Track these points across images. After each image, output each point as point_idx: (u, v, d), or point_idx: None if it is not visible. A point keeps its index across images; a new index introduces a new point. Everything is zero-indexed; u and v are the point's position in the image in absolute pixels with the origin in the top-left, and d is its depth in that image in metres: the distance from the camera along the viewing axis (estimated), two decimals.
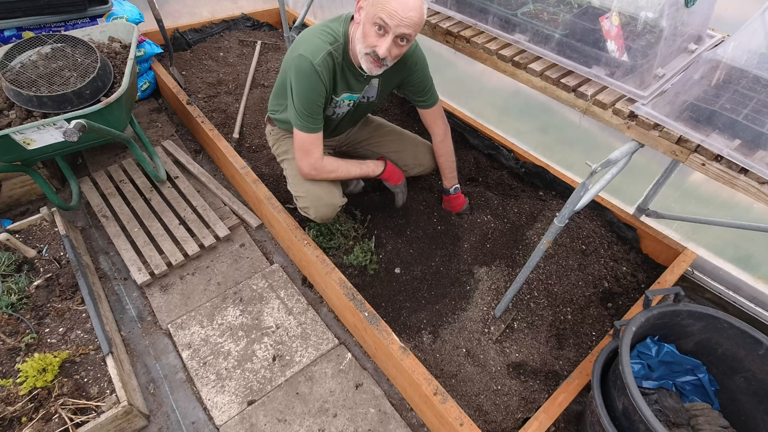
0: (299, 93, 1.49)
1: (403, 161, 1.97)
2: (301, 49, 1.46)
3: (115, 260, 2.06)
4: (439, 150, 1.92)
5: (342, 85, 1.57)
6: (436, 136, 1.89)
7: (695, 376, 1.41)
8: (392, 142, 1.99)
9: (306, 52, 1.45)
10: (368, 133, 2.00)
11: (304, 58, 1.44)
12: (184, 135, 2.77)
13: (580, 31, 1.27)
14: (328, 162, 1.66)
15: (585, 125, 2.12)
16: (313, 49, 1.45)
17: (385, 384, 1.68)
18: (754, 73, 1.11)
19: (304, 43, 1.48)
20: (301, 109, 1.51)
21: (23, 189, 2.25)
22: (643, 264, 1.95)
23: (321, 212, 1.74)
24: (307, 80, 1.47)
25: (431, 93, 1.77)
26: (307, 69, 1.45)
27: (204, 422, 1.57)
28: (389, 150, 1.97)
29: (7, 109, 1.80)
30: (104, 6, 2.44)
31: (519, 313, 1.75)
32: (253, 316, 1.87)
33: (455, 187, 1.99)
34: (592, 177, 1.16)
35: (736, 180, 0.99)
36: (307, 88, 1.48)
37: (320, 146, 1.61)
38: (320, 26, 1.52)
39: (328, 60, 1.47)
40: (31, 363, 1.43)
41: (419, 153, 1.98)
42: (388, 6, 1.28)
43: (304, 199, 1.75)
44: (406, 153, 1.97)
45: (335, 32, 1.49)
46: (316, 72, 1.45)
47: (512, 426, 1.49)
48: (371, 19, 1.33)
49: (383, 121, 2.08)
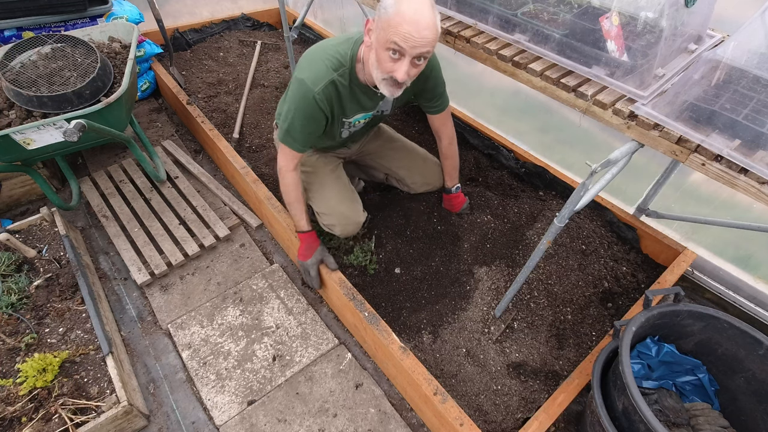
0: (293, 118, 1.47)
1: (411, 179, 1.97)
2: (305, 73, 1.42)
3: (115, 260, 2.06)
4: (447, 152, 1.89)
5: (352, 107, 1.54)
6: (444, 140, 1.85)
7: (695, 376, 1.41)
8: (403, 158, 1.98)
9: (308, 79, 1.40)
10: (379, 145, 1.99)
11: (305, 85, 1.41)
12: (184, 135, 2.77)
13: (580, 31, 1.27)
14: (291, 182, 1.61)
15: (585, 125, 2.12)
16: (315, 77, 1.40)
17: (385, 384, 1.68)
18: (754, 73, 1.11)
19: (308, 67, 1.43)
20: (291, 131, 1.49)
21: (23, 189, 2.25)
22: (643, 264, 1.95)
23: (347, 230, 1.78)
24: (303, 108, 1.44)
25: (443, 97, 1.73)
26: (305, 96, 1.42)
27: (204, 422, 1.57)
28: (399, 165, 1.97)
29: (7, 109, 1.80)
30: (104, 6, 2.44)
31: (519, 313, 1.75)
32: (253, 316, 1.87)
33: (456, 187, 1.99)
34: (592, 177, 1.16)
35: (736, 180, 0.99)
36: (303, 116, 1.45)
37: (297, 160, 1.59)
38: (328, 48, 1.46)
39: (330, 88, 1.43)
40: (31, 363, 1.43)
41: (428, 172, 1.98)
42: (401, 29, 1.20)
43: (328, 216, 1.77)
44: (415, 171, 1.97)
45: (342, 56, 1.43)
46: (315, 101, 1.41)
47: (512, 426, 1.49)
48: (384, 44, 1.25)
49: (394, 133, 2.05)
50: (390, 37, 1.22)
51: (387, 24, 1.22)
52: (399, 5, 1.20)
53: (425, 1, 1.22)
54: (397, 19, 1.20)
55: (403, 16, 1.19)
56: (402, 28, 1.19)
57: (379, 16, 1.25)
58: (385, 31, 1.23)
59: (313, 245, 1.74)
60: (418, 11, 1.20)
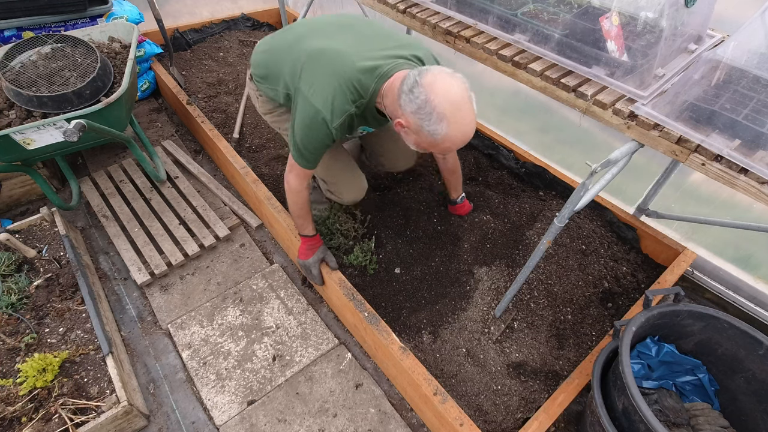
0: (304, 137, 1.38)
1: (395, 159, 1.97)
2: (319, 99, 1.30)
3: (115, 260, 2.06)
4: (453, 167, 1.90)
5: (358, 124, 1.48)
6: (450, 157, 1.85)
7: (695, 376, 1.41)
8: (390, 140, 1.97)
9: (325, 109, 1.30)
10: None
11: (320, 115, 1.30)
12: (184, 135, 2.77)
13: (580, 31, 1.27)
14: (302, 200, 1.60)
15: (585, 125, 2.12)
16: (333, 109, 1.30)
17: (385, 384, 1.68)
18: (754, 73, 1.11)
19: (322, 92, 1.31)
20: (304, 150, 1.42)
21: (23, 189, 2.25)
22: (643, 264, 1.95)
23: (354, 196, 1.81)
24: (318, 137, 1.36)
25: None
26: (320, 127, 1.33)
27: (204, 422, 1.57)
28: (387, 149, 1.96)
29: (7, 109, 1.80)
30: (104, 6, 2.44)
31: (519, 313, 1.75)
32: (253, 316, 1.87)
33: (462, 197, 2.02)
34: (592, 177, 1.16)
35: (736, 180, 0.99)
36: (317, 145, 1.39)
37: (309, 177, 1.56)
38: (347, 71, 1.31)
39: (347, 120, 1.34)
40: (31, 363, 1.43)
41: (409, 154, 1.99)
42: (448, 142, 1.18)
43: (336, 184, 1.80)
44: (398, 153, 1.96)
45: (363, 89, 1.31)
46: (330, 133, 1.34)
47: (512, 426, 1.49)
48: (433, 149, 1.26)
49: None
50: (436, 149, 1.23)
51: (433, 143, 1.20)
52: (449, 130, 1.16)
53: (469, 112, 1.16)
54: (446, 145, 1.20)
55: (453, 141, 1.18)
56: (450, 141, 1.19)
57: (419, 127, 1.19)
58: (430, 146, 1.23)
59: (315, 245, 1.75)
60: (466, 133, 1.18)
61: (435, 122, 1.15)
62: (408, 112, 1.19)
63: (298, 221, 1.69)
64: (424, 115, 1.16)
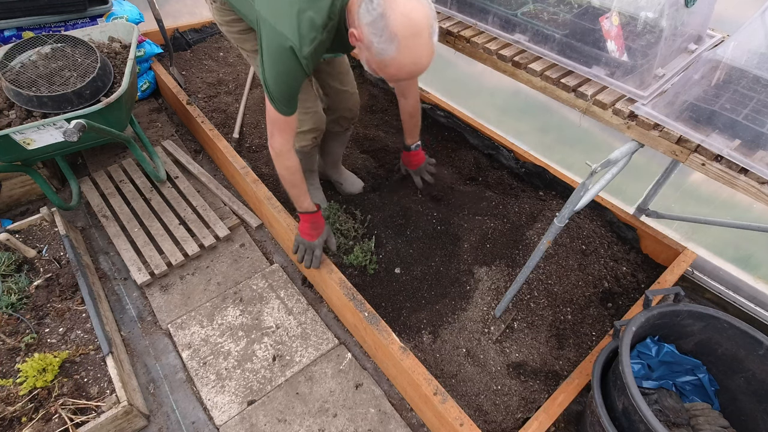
0: (276, 78, 1.27)
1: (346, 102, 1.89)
2: (285, 26, 1.17)
3: (115, 260, 2.06)
4: (413, 110, 1.81)
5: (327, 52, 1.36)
6: (411, 98, 1.76)
7: (695, 376, 1.41)
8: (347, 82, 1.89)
9: (292, 36, 1.16)
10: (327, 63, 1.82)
11: (288, 42, 1.17)
12: (184, 135, 2.77)
13: (580, 31, 1.27)
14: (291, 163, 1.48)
15: (585, 125, 2.12)
16: (301, 35, 1.17)
17: (385, 384, 1.68)
18: (754, 73, 1.11)
19: (288, 17, 1.17)
20: (278, 94, 1.31)
21: (23, 189, 2.25)
22: (643, 264, 1.95)
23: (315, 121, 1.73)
24: (287, 69, 1.24)
25: None
26: (289, 57, 1.20)
27: (204, 422, 1.57)
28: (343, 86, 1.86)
29: (7, 109, 1.80)
30: (104, 6, 2.44)
31: (519, 313, 1.75)
32: (253, 316, 1.87)
33: (417, 144, 1.99)
34: (592, 177, 1.16)
35: (736, 180, 0.99)
36: (287, 78, 1.27)
37: (294, 130, 1.43)
38: None
39: (319, 49, 1.23)
40: (31, 363, 1.43)
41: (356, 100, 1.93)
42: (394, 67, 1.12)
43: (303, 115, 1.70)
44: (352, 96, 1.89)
45: (332, 8, 1.19)
46: (300, 64, 1.22)
47: (512, 426, 1.49)
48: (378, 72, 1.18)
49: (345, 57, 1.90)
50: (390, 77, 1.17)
51: (381, 64, 1.14)
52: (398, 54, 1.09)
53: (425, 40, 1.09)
54: (392, 70, 1.13)
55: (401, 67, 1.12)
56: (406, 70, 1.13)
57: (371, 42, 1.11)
58: (378, 67, 1.16)
59: (320, 224, 1.66)
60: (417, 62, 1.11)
61: (386, 41, 1.07)
62: (363, 24, 1.11)
63: (294, 192, 1.56)
64: (376, 30, 1.08)
